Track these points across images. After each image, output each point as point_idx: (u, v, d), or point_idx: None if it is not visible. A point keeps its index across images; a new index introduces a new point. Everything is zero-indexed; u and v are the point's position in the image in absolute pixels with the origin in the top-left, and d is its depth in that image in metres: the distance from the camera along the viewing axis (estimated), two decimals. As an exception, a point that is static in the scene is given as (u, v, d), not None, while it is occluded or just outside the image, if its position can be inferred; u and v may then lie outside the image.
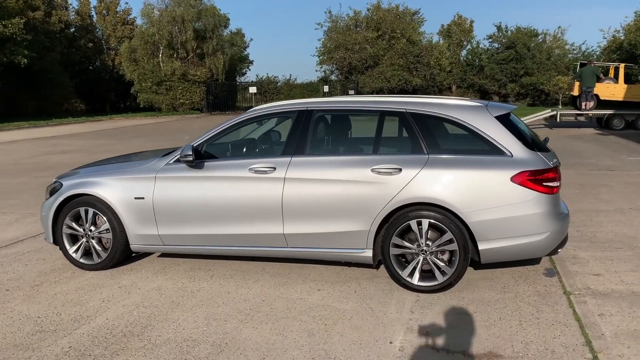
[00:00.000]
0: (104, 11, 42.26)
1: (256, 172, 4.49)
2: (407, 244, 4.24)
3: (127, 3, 65.95)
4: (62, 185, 5.03)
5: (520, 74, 35.28)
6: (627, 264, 4.76)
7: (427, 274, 4.27)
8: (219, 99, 35.61)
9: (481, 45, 38.33)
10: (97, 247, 4.95)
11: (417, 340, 3.46)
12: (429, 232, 4.22)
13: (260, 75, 49.49)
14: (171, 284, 4.59)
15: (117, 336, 3.62)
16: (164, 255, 5.34)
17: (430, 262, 4.22)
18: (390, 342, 3.45)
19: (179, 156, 4.66)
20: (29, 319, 3.95)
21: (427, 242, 4.20)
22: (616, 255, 5.00)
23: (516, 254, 4.22)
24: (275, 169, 4.46)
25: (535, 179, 4.04)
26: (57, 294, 4.41)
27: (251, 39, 64.39)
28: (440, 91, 36.09)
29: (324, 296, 4.24)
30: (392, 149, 4.45)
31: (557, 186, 4.14)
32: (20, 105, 31.67)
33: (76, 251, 4.98)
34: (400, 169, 4.20)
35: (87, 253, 5.00)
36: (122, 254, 4.93)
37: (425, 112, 4.38)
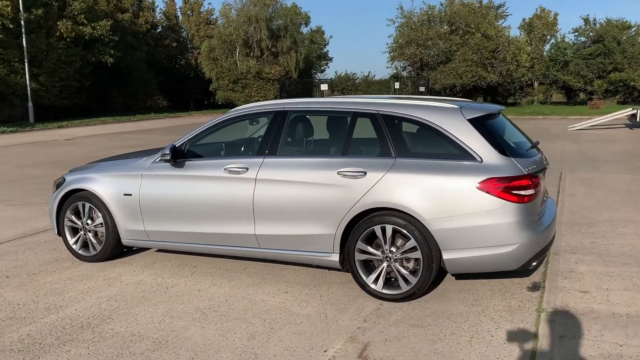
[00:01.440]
0: (188, 12, 44.23)
1: (230, 172, 4.54)
2: (372, 249, 4.10)
3: (210, 4, 68.68)
4: (64, 180, 5.36)
5: (608, 69, 32.76)
6: (625, 281, 4.30)
7: (393, 282, 4.11)
8: (292, 96, 36.19)
9: (566, 40, 36.10)
10: (93, 240, 5.22)
11: (352, 351, 3.35)
12: (395, 238, 4.06)
13: (339, 72, 49.74)
14: (151, 279, 4.75)
15: (75, 327, 3.81)
16: (160, 250, 5.53)
17: (394, 270, 4.06)
18: (325, 351, 3.36)
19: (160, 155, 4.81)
20: (9, 305, 4.24)
21: (392, 249, 4.05)
22: (618, 271, 4.54)
23: (483, 265, 3.95)
24: (247, 169, 4.48)
25: (503, 187, 3.76)
26: (46, 283, 4.71)
27: (331, 37, 64.78)
28: (522, 88, 34.39)
29: (287, 299, 4.21)
30: (361, 151, 4.32)
31: (530, 195, 3.83)
32: (109, 102, 33.94)
33: (75, 243, 5.29)
34: (365, 173, 4.07)
35: (85, 245, 5.29)
36: (114, 247, 5.16)
37: (396, 114, 4.21)
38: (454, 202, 3.84)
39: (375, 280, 4.11)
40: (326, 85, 31.86)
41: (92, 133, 21.57)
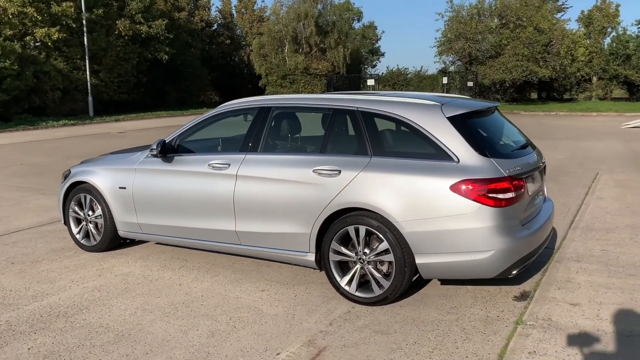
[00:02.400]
0: (242, 9, 44.93)
1: (213, 167, 4.53)
2: (345, 250, 3.99)
3: (263, 1, 69.38)
4: (70, 172, 5.54)
5: (675, 63, 30.59)
6: (624, 295, 3.97)
7: (366, 285, 3.98)
8: (339, 92, 36.11)
9: (628, 32, 33.90)
10: (93, 230, 5.37)
11: (305, 356, 3.26)
12: (370, 240, 3.92)
13: (391, 67, 49.20)
14: (140, 271, 4.83)
15: (51, 316, 3.92)
16: (159, 243, 5.61)
17: (368, 273, 3.93)
18: (277, 354, 3.29)
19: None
20: (2, 291, 4.42)
21: (365, 251, 3.92)
22: (620, 283, 4.20)
23: (458, 271, 3.75)
24: (229, 165, 4.46)
25: (478, 189, 3.55)
26: (43, 271, 4.88)
27: (383, 31, 64.09)
28: (578, 83, 32.69)
29: (262, 297, 4.16)
30: (339, 149, 4.19)
31: (509, 198, 3.59)
32: (164, 97, 35.04)
33: (79, 233, 5.46)
34: (340, 171, 3.96)
35: (87, 235, 5.45)
36: (112, 239, 5.29)
37: (375, 111, 4.06)
38: (427, 204, 3.66)
39: (349, 282, 3.99)
40: (372, 80, 31.50)
41: (144, 126, 22.33)
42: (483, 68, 28.66)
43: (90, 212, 5.36)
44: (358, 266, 3.95)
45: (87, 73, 27.25)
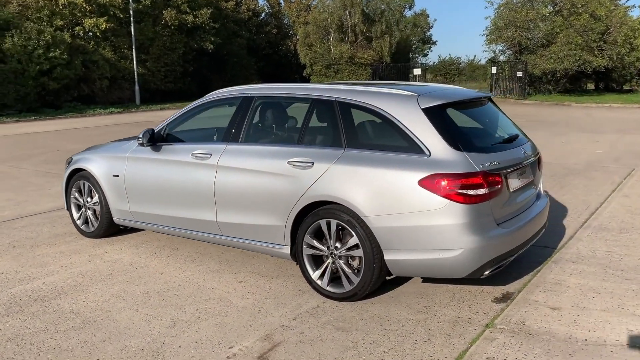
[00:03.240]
0: (290, -1, 44.97)
1: (196, 157, 4.51)
2: (317, 244, 3.88)
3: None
4: (72, 159, 5.67)
5: None
6: (612, 301, 3.67)
7: (338, 280, 3.87)
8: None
9: (703, 17, 31.58)
10: (91, 217, 5.48)
11: (257, 350, 3.19)
12: (342, 235, 3.80)
13: (443, 56, 48.19)
14: (129, 258, 4.89)
15: (30, 300, 4.01)
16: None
17: (338, 268, 3.81)
18: (230, 347, 3.24)
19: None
20: (-7, 273, 4.58)
21: (337, 245, 3.80)
22: (612, 288, 3.89)
23: (427, 270, 3.58)
24: (211, 155, 4.43)
25: (447, 185, 3.35)
26: (39, 255, 5.02)
27: (435, 19, 62.72)
28: (640, 73, 30.75)
29: (236, 289, 4.12)
30: (316, 140, 4.07)
31: (481, 195, 3.38)
32: (210, 86, 35.62)
33: (79, 219, 5.59)
34: (313, 163, 3.85)
35: (87, 221, 5.57)
36: (109, 225, 5.38)
37: (351, 102, 3.91)
38: (396, 199, 3.50)
39: (321, 276, 3.89)
40: (419, 69, 30.81)
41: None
42: (533, 57, 27.48)
43: (88, 199, 5.47)
44: (330, 261, 3.84)
45: (134, 62, 28.02)
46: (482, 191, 3.38)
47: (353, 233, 3.66)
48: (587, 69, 26.04)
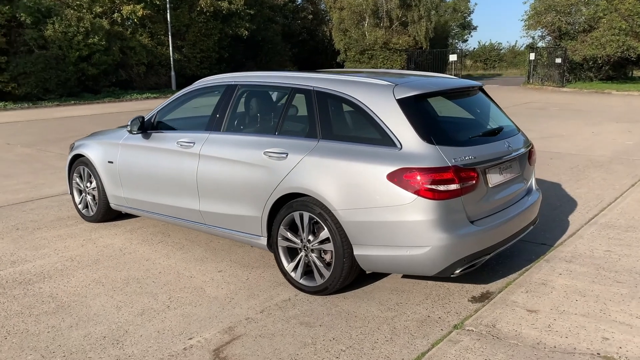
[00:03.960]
0: (327, -17, 44.51)
1: (181, 146, 4.51)
2: (291, 236, 3.82)
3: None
4: (74, 145, 5.77)
5: None
6: (595, 304, 3.46)
7: (311, 273, 3.80)
8: (421, 67, 34.89)
9: None
10: (90, 202, 5.58)
11: (214, 342, 3.16)
12: (316, 228, 3.72)
13: (483, 41, 46.92)
14: (120, 244, 4.95)
15: (15, 283, 4.11)
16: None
17: (311, 261, 3.74)
18: (189, 339, 3.22)
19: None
20: (-11, 255, 4.73)
21: (309, 238, 3.73)
22: (600, 290, 3.67)
23: (395, 266, 3.46)
24: (194, 144, 4.41)
25: (415, 179, 3.22)
26: (37, 238, 5.15)
27: (475, 4, 61.00)
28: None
29: (214, 279, 4.11)
30: (292, 130, 3.98)
31: (452, 190, 3.23)
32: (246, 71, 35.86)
33: (80, 203, 5.71)
34: (287, 154, 3.77)
35: (87, 206, 5.68)
36: (106, 210, 5.45)
37: (328, 91, 3.80)
38: (365, 193, 3.39)
39: (295, 269, 3.83)
40: (455, 55, 30.02)
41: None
42: (573, 43, 26.32)
43: (88, 184, 5.56)
44: (303, 254, 3.78)
45: (170, 49, 28.40)
46: (453, 187, 3.23)
47: (324, 226, 3.58)
48: (632, 56, 24.75)
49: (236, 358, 2.99)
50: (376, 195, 3.34)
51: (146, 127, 4.87)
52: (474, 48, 55.87)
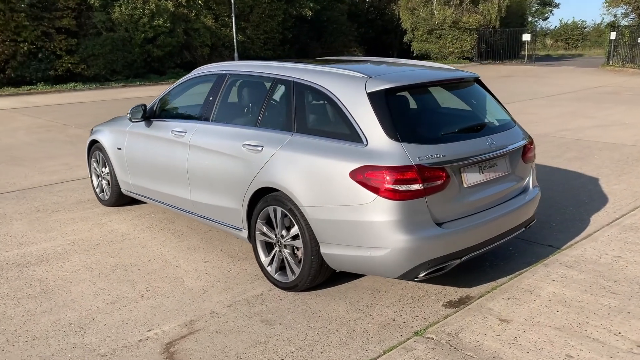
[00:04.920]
0: (395, -40, 43.33)
1: (175, 135, 4.53)
2: (267, 231, 3.75)
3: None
4: (92, 130, 5.98)
5: None
6: (576, 317, 3.14)
7: (285, 269, 3.72)
8: (492, 48, 33.36)
9: None
10: (105, 186, 5.78)
11: (172, 335, 3.17)
12: (288, 223, 3.63)
13: (565, 19, 44.20)
14: (125, 229, 5.09)
15: (13, 264, 4.29)
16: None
17: (283, 257, 3.67)
18: (149, 330, 3.25)
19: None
20: (4, 236, 4.99)
21: (283, 234, 3.64)
22: (588, 301, 3.33)
23: (361, 267, 3.31)
24: (185, 133, 4.43)
25: (375, 178, 3.04)
26: (52, 220, 5.40)
27: (557, -21, 57.46)
28: None
29: (197, 269, 4.12)
30: (272, 123, 3.85)
31: (413, 191, 3.02)
32: (308, 53, 35.79)
33: (97, 187, 5.92)
34: (262, 148, 3.69)
35: (103, 190, 5.88)
36: (119, 195, 5.62)
37: (305, 82, 3.66)
38: (329, 190, 3.26)
39: (271, 264, 3.78)
40: (528, 35, 28.34)
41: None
42: (658, 21, 24.19)
43: (103, 169, 5.75)
44: (277, 249, 3.71)
45: (234, 30, 28.80)
46: (415, 187, 3.02)
47: (294, 223, 3.49)
48: None
49: (184, 353, 2.99)
50: (340, 193, 3.19)
51: (148, 115, 4.93)
52: (555, 27, 52.74)
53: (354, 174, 3.11)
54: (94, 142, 5.81)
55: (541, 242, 4.39)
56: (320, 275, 3.51)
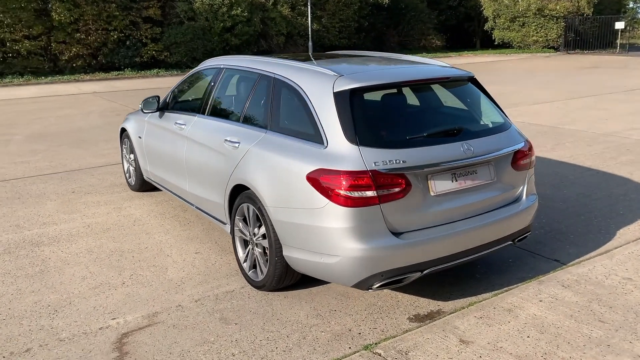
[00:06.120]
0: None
1: (177, 127, 4.62)
2: (242, 227, 3.74)
3: None
4: (125, 118, 6.23)
5: None
6: (546, 346, 2.84)
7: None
8: (582, 37, 31.10)
9: None
10: (132, 172, 6.02)
11: (132, 326, 3.23)
12: (259, 222, 3.59)
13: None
14: (139, 215, 5.27)
15: (29, 243, 4.60)
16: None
17: (254, 255, 3.63)
18: (113, 319, 3.34)
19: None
20: (31, 215, 5.32)
21: (254, 232, 3.61)
22: (569, 328, 2.99)
23: (318, 273, 3.19)
24: (185, 125, 4.49)
25: (327, 183, 2.92)
26: (80, 202, 5.70)
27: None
28: None
29: (185, 260, 4.19)
30: (252, 119, 3.80)
31: (365, 198, 2.86)
32: (385, 41, 35.22)
33: (126, 172, 6.19)
34: (239, 144, 3.66)
35: (130, 175, 6.13)
36: (142, 181, 5.82)
37: (282, 79, 3.57)
38: (289, 192, 3.17)
39: (246, 260, 3.76)
40: (622, 23, 26.08)
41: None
42: None
43: (130, 155, 5.99)
44: (250, 247, 3.68)
45: (309, 19, 28.92)
46: (368, 194, 2.86)
47: (262, 222, 3.44)
48: None
49: (133, 346, 3.05)
50: (298, 196, 3.10)
51: (162, 107, 5.06)
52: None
53: (310, 177, 3.01)
54: (124, 130, 6.05)
55: (547, 256, 4.04)
56: (287, 277, 3.44)
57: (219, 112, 4.29)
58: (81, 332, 3.20)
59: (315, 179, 2.98)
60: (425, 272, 3.07)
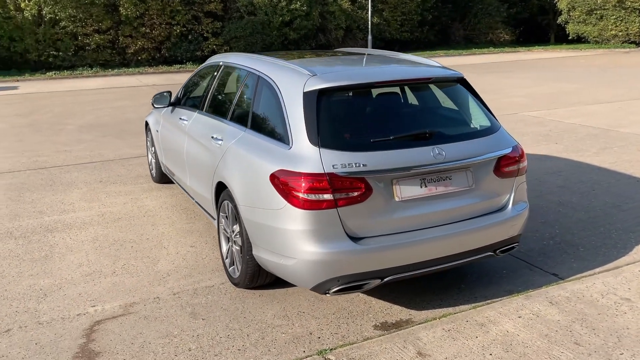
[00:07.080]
0: None
1: (181, 122, 4.71)
2: (224, 224, 3.76)
3: None
4: (149, 113, 6.44)
5: None
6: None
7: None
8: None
9: None
10: (154, 164, 6.21)
11: (105, 314, 3.35)
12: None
13: None
14: (152, 206, 5.43)
15: (44, 229, 4.85)
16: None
17: (233, 252, 3.65)
18: (93, 306, 3.47)
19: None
20: (53, 202, 5.62)
21: (233, 229, 3.63)
22: (539, 350, 2.78)
23: (281, 274, 3.15)
24: (187, 121, 4.58)
25: (285, 184, 2.88)
26: (102, 192, 5.95)
27: None
28: None
29: (179, 253, 4.27)
30: (238, 117, 3.79)
31: (321, 200, 2.79)
32: (450, 35, 34.29)
33: (150, 164, 6.40)
34: (221, 142, 3.69)
35: (153, 167, 6.33)
36: (162, 174, 5.99)
37: (264, 76, 3.55)
38: (255, 191, 3.16)
39: (227, 256, 3.79)
40: None
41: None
42: None
43: (152, 148, 6.19)
44: (230, 243, 3.70)
45: (369, 12, 28.62)
46: (326, 197, 2.79)
47: (237, 219, 3.45)
48: None
49: (101, 333, 3.15)
50: (261, 196, 3.08)
51: (174, 102, 5.18)
52: None
53: (272, 178, 2.98)
54: (147, 123, 6.26)
55: (546, 269, 3.80)
56: (261, 277, 3.44)
57: (213, 109, 4.33)
58: (59, 317, 3.34)
59: (276, 180, 2.95)
60: (385, 279, 2.96)
